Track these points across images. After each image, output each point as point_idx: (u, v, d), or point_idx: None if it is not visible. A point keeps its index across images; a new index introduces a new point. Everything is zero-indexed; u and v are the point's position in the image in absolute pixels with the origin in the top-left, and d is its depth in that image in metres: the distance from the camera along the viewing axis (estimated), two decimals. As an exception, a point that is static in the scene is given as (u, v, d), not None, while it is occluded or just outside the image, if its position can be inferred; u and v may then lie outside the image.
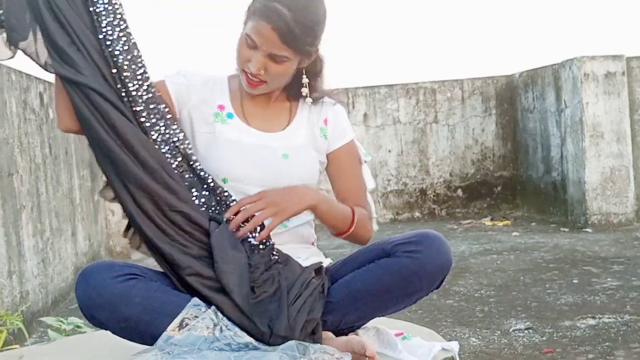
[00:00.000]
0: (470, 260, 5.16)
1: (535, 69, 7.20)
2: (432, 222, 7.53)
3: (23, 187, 3.97)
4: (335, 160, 1.96)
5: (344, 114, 2.00)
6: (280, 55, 1.78)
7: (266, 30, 1.76)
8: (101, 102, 1.70)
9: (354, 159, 1.98)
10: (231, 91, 1.94)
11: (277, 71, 1.81)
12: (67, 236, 4.94)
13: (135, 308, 1.67)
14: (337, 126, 1.96)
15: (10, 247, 3.68)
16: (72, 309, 4.36)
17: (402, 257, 1.76)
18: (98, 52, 1.72)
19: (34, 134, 4.29)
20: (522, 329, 3.34)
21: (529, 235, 6.23)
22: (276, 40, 1.76)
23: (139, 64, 1.76)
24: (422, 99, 7.74)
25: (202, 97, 1.90)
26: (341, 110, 1.99)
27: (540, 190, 7.23)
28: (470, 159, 7.77)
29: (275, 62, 1.79)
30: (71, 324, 2.95)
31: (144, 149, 1.72)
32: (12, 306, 3.59)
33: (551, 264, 4.83)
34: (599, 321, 3.39)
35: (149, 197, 1.71)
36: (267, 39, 1.77)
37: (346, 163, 1.97)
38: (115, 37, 1.73)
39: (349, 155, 1.97)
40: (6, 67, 3.85)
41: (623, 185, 6.32)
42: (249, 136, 1.86)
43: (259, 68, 1.80)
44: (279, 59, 1.79)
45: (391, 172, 7.72)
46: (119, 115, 1.71)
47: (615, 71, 6.30)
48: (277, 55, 1.78)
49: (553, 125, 6.86)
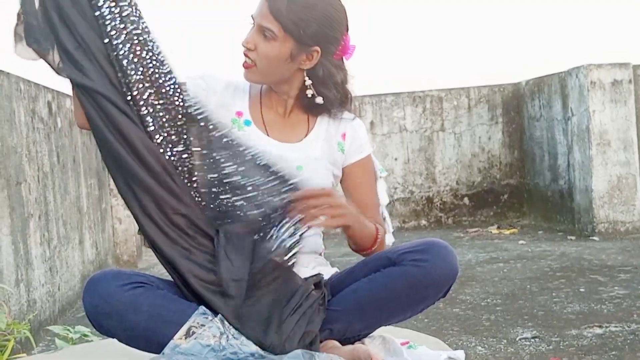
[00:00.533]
0: (477, 268, 5.15)
1: (542, 77, 7.20)
2: (438, 230, 7.53)
3: (31, 196, 3.98)
4: (350, 174, 1.96)
5: (363, 129, 2.00)
6: (266, 28, 1.82)
7: (262, 3, 1.83)
8: (107, 105, 1.72)
9: (370, 173, 1.99)
10: (251, 98, 1.95)
11: (264, 51, 1.83)
12: (75, 244, 4.95)
13: (142, 316, 1.68)
14: (355, 141, 1.97)
15: (17, 256, 3.69)
16: (80, 317, 4.36)
17: (409, 266, 1.76)
18: (104, 56, 1.73)
19: (42, 142, 4.31)
20: (528, 338, 3.34)
21: (536, 243, 6.22)
22: (265, 10, 1.82)
23: (150, 67, 1.76)
24: (429, 107, 7.75)
25: (221, 101, 1.91)
26: (360, 125, 1.99)
27: (547, 198, 7.22)
28: (477, 167, 7.77)
29: (264, 37, 1.82)
30: (78, 332, 2.96)
31: (149, 153, 1.73)
32: (19, 314, 3.60)
33: (558, 273, 4.82)
34: (605, 330, 3.38)
35: (153, 200, 1.72)
36: (260, 10, 1.84)
37: (362, 177, 1.97)
38: (120, 40, 1.73)
39: (365, 169, 1.97)
40: (15, 76, 3.87)
41: (630, 194, 6.30)
42: (266, 145, 1.86)
43: (249, 41, 1.84)
44: (267, 34, 1.81)
45: (398, 180, 7.72)
46: (124, 118, 1.72)
47: (621, 79, 6.30)
48: (264, 28, 1.82)
49: (560, 133, 6.86)
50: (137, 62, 1.74)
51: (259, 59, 1.84)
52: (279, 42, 1.82)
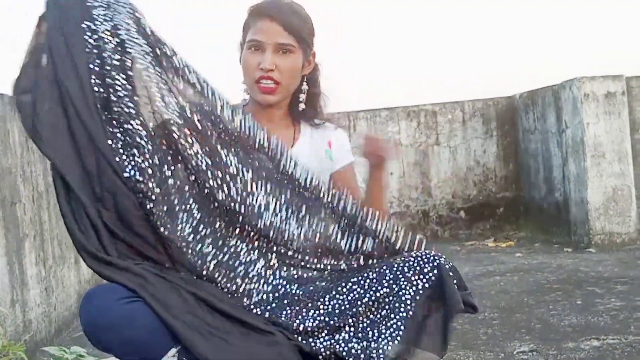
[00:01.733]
0: (474, 282, 5.14)
1: (536, 90, 7.23)
2: (435, 244, 7.52)
3: (26, 216, 3.98)
4: (340, 179, 2.03)
5: (346, 137, 2.12)
6: (286, 44, 1.89)
7: (268, 25, 1.90)
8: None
9: (356, 182, 2.07)
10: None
11: (287, 66, 1.90)
12: (70, 264, 4.94)
13: (139, 330, 1.68)
14: (341, 148, 2.09)
15: (13, 276, 3.68)
16: (76, 337, 4.35)
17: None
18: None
19: (37, 162, 4.30)
20: (526, 352, 3.33)
21: (532, 256, 6.22)
22: (279, 29, 1.89)
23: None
24: (423, 121, 7.77)
25: None
26: (343, 134, 2.10)
27: (543, 210, 7.23)
28: (472, 180, 7.78)
29: (283, 55, 1.88)
30: (74, 353, 2.96)
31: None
32: (15, 335, 3.59)
33: (555, 285, 4.82)
34: (603, 342, 3.38)
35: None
36: (271, 32, 1.90)
37: (350, 184, 2.07)
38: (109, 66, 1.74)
39: (352, 177, 2.08)
40: (9, 96, 3.88)
41: (626, 205, 6.31)
42: None
43: (271, 63, 1.87)
44: (286, 49, 1.89)
45: (393, 195, 7.72)
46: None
47: (615, 91, 6.32)
48: (283, 45, 1.88)
49: (554, 146, 6.87)
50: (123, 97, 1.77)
51: (283, 76, 1.91)
52: (296, 54, 1.92)
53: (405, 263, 1.77)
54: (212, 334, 1.66)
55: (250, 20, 1.93)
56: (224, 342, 1.65)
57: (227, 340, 1.65)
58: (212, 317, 1.69)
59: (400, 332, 1.70)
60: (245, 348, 1.66)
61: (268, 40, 1.87)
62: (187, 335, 1.64)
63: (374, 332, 1.72)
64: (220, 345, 1.64)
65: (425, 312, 1.74)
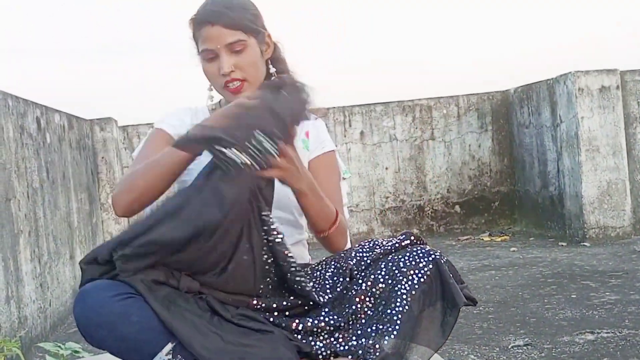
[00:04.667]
0: (469, 276, 5.15)
1: (530, 84, 7.23)
2: (430, 238, 7.53)
3: (21, 212, 3.97)
4: (315, 168, 1.99)
5: (324, 127, 2.08)
6: (235, 42, 1.88)
7: (211, 30, 1.89)
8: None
9: (334, 169, 2.03)
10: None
11: (245, 61, 1.89)
12: (66, 260, 4.94)
13: (133, 327, 1.67)
14: (318, 137, 2.03)
15: (8, 272, 3.68)
16: (71, 333, 4.35)
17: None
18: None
19: (31, 158, 4.30)
20: (520, 345, 3.34)
21: (527, 250, 6.23)
22: (223, 30, 1.88)
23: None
24: (419, 116, 7.77)
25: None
26: (321, 125, 2.07)
27: (538, 205, 7.24)
28: (467, 175, 7.78)
29: (237, 52, 1.87)
30: (69, 349, 2.95)
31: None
32: (10, 332, 3.59)
33: (549, 279, 4.83)
34: (597, 336, 3.39)
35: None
36: (216, 36, 1.89)
37: (325, 172, 2.01)
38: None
39: (329, 164, 2.03)
40: (2, 92, 3.87)
41: (620, 199, 6.33)
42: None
43: (229, 65, 1.87)
44: (238, 45, 1.87)
45: (388, 190, 7.73)
46: None
47: (609, 85, 6.33)
48: (233, 44, 1.87)
49: (549, 140, 6.88)
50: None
51: (246, 72, 1.89)
52: (249, 45, 1.90)
53: (401, 258, 1.77)
54: (209, 331, 1.65)
55: (194, 31, 1.93)
56: (220, 339, 1.65)
57: (223, 338, 1.65)
58: (210, 314, 1.69)
59: (397, 327, 1.70)
60: (243, 346, 1.65)
61: (217, 45, 1.87)
62: (184, 331, 1.63)
63: (371, 327, 1.73)
64: (217, 343, 1.64)
65: (421, 306, 1.74)
